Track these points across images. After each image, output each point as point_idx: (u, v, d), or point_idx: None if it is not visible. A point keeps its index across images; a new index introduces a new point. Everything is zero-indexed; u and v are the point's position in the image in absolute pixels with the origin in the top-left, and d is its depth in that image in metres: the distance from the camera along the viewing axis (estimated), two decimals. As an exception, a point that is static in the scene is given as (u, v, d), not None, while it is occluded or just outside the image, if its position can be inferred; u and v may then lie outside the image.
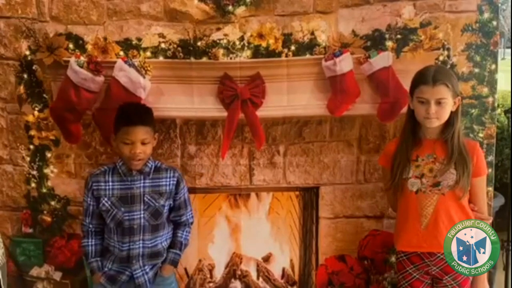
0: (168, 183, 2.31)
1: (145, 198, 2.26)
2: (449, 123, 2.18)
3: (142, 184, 2.27)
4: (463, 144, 2.18)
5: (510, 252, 2.86)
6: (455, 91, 2.15)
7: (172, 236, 2.38)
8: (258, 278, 2.94)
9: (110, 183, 2.28)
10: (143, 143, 2.20)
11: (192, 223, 2.44)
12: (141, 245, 2.27)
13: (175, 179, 2.33)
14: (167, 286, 2.37)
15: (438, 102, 2.12)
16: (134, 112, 2.24)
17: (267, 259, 2.97)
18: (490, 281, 2.69)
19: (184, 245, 2.40)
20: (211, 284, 2.93)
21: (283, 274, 2.97)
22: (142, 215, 2.25)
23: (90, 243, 2.33)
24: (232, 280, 2.94)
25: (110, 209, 2.25)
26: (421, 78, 2.16)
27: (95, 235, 2.33)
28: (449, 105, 2.14)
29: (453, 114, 2.17)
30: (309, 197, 2.80)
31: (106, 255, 2.32)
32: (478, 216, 2.22)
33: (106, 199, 2.26)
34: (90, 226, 2.32)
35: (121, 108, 2.29)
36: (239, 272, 2.92)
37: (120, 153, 2.26)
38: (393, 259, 2.67)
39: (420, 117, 2.17)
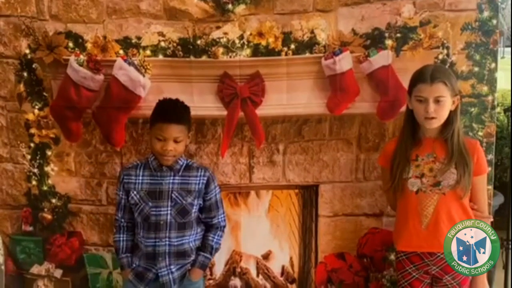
0: (197, 181, 2.28)
1: (172, 195, 2.23)
2: (448, 122, 2.16)
3: (171, 181, 2.25)
4: (463, 143, 2.17)
5: (509, 251, 2.86)
6: (454, 90, 2.14)
7: (203, 239, 2.33)
8: (257, 276, 2.96)
9: (140, 177, 2.26)
10: (175, 141, 2.18)
11: (224, 226, 2.38)
12: (167, 242, 2.23)
13: (205, 178, 2.29)
14: None
15: (437, 101, 2.11)
16: (171, 109, 2.21)
17: (266, 256, 2.99)
18: (490, 280, 2.69)
19: (215, 249, 2.35)
20: (211, 281, 2.94)
21: (283, 271, 2.99)
22: (168, 212, 2.23)
23: (121, 239, 2.32)
24: (232, 277, 2.95)
25: (138, 203, 2.24)
26: (419, 77, 2.15)
27: (127, 230, 2.32)
28: (448, 104, 2.13)
29: (452, 113, 2.16)
30: (308, 195, 2.81)
31: (136, 251, 2.31)
32: (478, 215, 2.21)
33: (135, 192, 2.25)
34: (122, 220, 2.31)
35: (159, 104, 2.26)
36: (239, 270, 2.94)
37: (152, 148, 2.25)
38: (392, 257, 2.68)
39: (419, 117, 2.16)
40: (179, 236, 2.25)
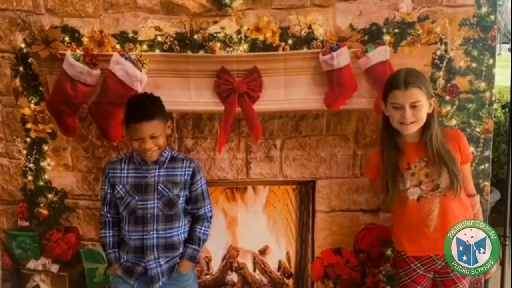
0: (183, 173, 2.27)
1: (158, 187, 2.23)
2: (426, 125, 2.15)
3: (156, 173, 2.24)
4: (442, 143, 2.15)
5: (506, 247, 2.86)
6: (429, 93, 2.12)
7: (191, 231, 2.34)
8: (254, 270, 2.97)
9: (126, 171, 2.26)
10: (152, 137, 2.15)
11: (211, 217, 2.38)
12: (155, 235, 2.23)
13: (191, 169, 2.28)
14: (184, 283, 2.32)
15: (413, 106, 2.09)
16: (138, 108, 2.15)
17: (263, 251, 2.99)
18: (486, 276, 2.70)
19: (203, 241, 2.35)
20: (208, 276, 2.95)
21: (280, 266, 2.99)
22: (155, 204, 2.22)
23: (107, 234, 2.31)
24: (229, 272, 2.96)
25: (124, 197, 2.23)
26: (393, 83, 2.12)
27: (113, 226, 2.31)
28: (425, 108, 2.11)
29: (430, 117, 2.14)
30: (305, 191, 2.81)
31: (123, 246, 2.30)
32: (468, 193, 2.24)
33: (120, 186, 2.24)
34: (108, 215, 2.30)
35: (127, 104, 2.22)
36: (235, 265, 2.94)
37: (131, 148, 2.24)
38: (389, 252, 2.69)
39: (395, 123, 2.14)
40: (167, 228, 2.25)
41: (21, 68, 2.59)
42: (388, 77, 2.19)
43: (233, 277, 2.96)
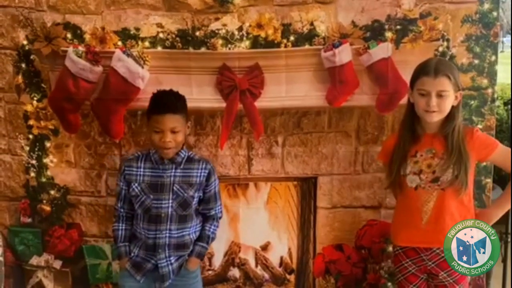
0: (199, 174, 2.27)
1: (174, 188, 2.23)
2: (450, 118, 2.12)
3: (172, 173, 2.24)
4: (462, 139, 2.13)
5: (508, 244, 2.86)
6: (457, 85, 2.10)
7: (200, 229, 2.34)
8: (256, 266, 2.99)
9: (142, 169, 2.25)
10: (173, 132, 2.16)
11: (220, 217, 2.39)
12: (167, 234, 2.23)
13: (207, 171, 2.29)
14: (192, 279, 2.32)
15: (440, 95, 2.07)
16: (165, 100, 2.18)
17: (265, 247, 3.01)
18: (488, 273, 2.70)
19: (212, 239, 2.36)
20: (210, 272, 2.97)
21: (281, 262, 3.01)
22: (170, 204, 2.22)
23: (120, 227, 2.32)
24: (231, 268, 2.98)
25: (139, 195, 2.23)
26: (423, 70, 2.11)
27: (126, 220, 2.32)
28: (450, 98, 2.09)
29: (454, 109, 2.12)
30: (307, 187, 2.82)
31: (134, 241, 2.31)
32: None
33: (136, 184, 2.24)
34: (122, 210, 2.31)
35: (153, 96, 2.24)
36: (237, 260, 2.96)
37: (151, 142, 2.23)
38: (390, 248, 2.69)
39: (420, 111, 2.12)
40: (179, 228, 2.25)
41: (23, 65, 2.60)
42: (419, 64, 2.16)
43: (235, 272, 2.98)
